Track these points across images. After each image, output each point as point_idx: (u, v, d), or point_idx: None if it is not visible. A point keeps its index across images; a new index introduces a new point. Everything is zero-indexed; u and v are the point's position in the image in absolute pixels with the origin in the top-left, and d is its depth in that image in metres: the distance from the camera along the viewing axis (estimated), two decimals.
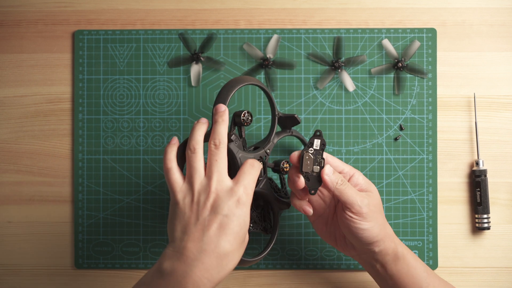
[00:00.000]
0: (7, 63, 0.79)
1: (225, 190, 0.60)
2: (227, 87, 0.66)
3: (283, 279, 0.78)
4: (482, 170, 0.76)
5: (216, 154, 0.61)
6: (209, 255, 0.58)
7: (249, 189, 0.61)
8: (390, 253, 0.66)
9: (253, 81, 0.68)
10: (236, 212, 0.59)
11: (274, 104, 0.70)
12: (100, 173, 0.78)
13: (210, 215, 0.59)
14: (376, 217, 0.65)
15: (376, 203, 0.66)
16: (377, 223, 0.65)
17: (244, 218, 0.60)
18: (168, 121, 0.78)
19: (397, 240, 0.67)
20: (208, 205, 0.59)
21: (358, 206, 0.64)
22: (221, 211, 0.59)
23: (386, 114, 0.78)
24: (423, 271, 0.67)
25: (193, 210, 0.60)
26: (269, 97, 0.70)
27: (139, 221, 0.78)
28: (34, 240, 0.79)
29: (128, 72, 0.79)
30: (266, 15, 0.79)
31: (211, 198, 0.60)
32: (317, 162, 0.65)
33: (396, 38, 0.78)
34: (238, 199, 0.59)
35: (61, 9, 0.79)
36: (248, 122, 0.67)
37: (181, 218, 0.60)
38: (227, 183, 0.61)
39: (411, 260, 0.67)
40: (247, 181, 0.61)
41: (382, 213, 0.67)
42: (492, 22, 0.78)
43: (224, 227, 0.59)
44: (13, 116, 0.79)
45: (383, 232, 0.66)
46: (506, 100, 0.78)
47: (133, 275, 0.79)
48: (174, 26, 0.79)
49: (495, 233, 0.78)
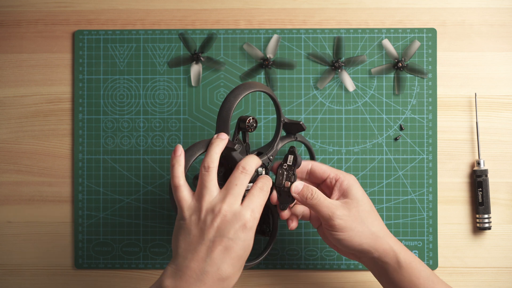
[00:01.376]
0: (7, 63, 0.79)
1: (233, 213, 0.59)
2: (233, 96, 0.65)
3: (283, 279, 0.78)
4: (483, 170, 0.76)
5: (238, 178, 0.61)
6: (211, 277, 0.58)
7: (256, 213, 0.60)
8: (390, 262, 0.65)
9: (261, 87, 0.67)
10: (242, 236, 0.59)
11: (280, 110, 0.69)
12: (100, 173, 0.78)
13: (216, 237, 0.58)
14: (354, 227, 0.64)
15: (355, 211, 0.65)
16: (356, 233, 0.64)
17: (248, 242, 0.59)
18: (168, 121, 0.78)
19: (398, 247, 0.65)
20: (214, 225, 0.59)
21: (330, 219, 0.64)
22: (227, 234, 0.58)
23: (386, 114, 0.78)
24: (428, 279, 0.65)
25: (198, 229, 0.59)
26: (276, 103, 0.69)
27: (139, 221, 0.78)
28: (34, 240, 0.79)
29: (128, 72, 0.79)
30: (266, 15, 0.79)
31: (218, 219, 0.59)
32: (289, 178, 0.66)
33: (396, 38, 0.78)
34: (245, 223, 0.59)
35: (61, 9, 0.79)
36: (252, 129, 0.67)
37: (186, 235, 0.60)
38: (236, 207, 0.60)
39: (415, 269, 0.65)
40: (255, 204, 0.60)
41: (368, 220, 0.65)
42: (492, 22, 0.78)
43: (229, 250, 0.58)
44: (13, 116, 0.79)
45: (369, 241, 0.64)
46: (506, 100, 0.78)
47: (133, 275, 0.79)
48: (174, 26, 0.79)
49: (495, 233, 0.78)
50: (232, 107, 0.64)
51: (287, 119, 0.71)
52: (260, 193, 0.62)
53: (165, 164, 0.78)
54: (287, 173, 0.66)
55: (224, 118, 0.64)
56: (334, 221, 0.64)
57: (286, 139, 0.71)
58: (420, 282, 0.65)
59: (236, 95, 0.65)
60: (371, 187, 0.78)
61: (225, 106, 0.64)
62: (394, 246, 0.65)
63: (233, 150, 0.64)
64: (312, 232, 0.78)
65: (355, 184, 0.67)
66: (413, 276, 0.65)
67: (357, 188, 0.66)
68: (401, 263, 0.65)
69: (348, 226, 0.64)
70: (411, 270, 0.65)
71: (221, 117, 0.64)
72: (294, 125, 0.70)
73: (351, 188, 0.66)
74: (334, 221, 0.64)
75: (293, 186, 0.65)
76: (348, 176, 0.67)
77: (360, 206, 0.65)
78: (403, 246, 0.66)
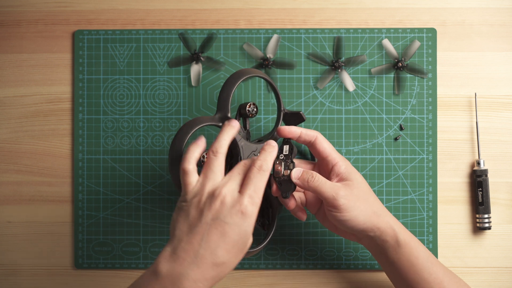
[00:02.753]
0: (7, 63, 0.79)
1: (232, 198, 0.59)
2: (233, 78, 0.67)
3: (283, 279, 0.78)
4: (483, 170, 0.76)
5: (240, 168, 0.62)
6: (206, 261, 0.57)
7: (255, 198, 0.60)
8: (389, 240, 0.66)
9: (262, 74, 0.69)
10: (239, 222, 0.58)
11: (280, 99, 0.71)
12: (100, 173, 0.78)
13: (213, 220, 0.58)
14: (358, 206, 0.65)
15: (357, 191, 0.65)
16: (360, 212, 0.65)
17: (246, 229, 0.59)
18: (168, 121, 0.78)
19: (398, 227, 0.66)
20: (213, 208, 0.58)
21: (334, 199, 0.64)
22: (224, 218, 0.58)
23: (386, 114, 0.78)
24: (426, 260, 0.66)
25: (198, 211, 0.59)
26: (276, 92, 0.71)
27: (139, 221, 0.78)
28: (34, 240, 0.79)
29: (128, 72, 0.79)
30: (266, 15, 0.79)
31: (218, 202, 0.59)
32: (287, 166, 0.66)
33: (396, 38, 0.78)
34: (243, 210, 0.58)
35: (61, 9, 0.79)
36: (253, 114, 0.69)
37: (185, 217, 0.59)
38: (236, 192, 0.60)
39: (413, 248, 0.66)
40: (252, 189, 0.60)
41: (370, 200, 0.66)
42: (492, 22, 0.78)
43: (224, 235, 0.58)
44: (13, 116, 0.79)
45: (372, 219, 0.65)
46: (506, 100, 0.78)
47: (133, 275, 0.79)
48: (174, 26, 0.79)
49: (495, 233, 0.78)
50: (233, 88, 0.66)
51: (287, 110, 0.72)
52: (258, 174, 0.61)
53: (165, 164, 0.78)
54: (285, 162, 0.67)
55: (225, 97, 0.66)
56: (338, 201, 0.64)
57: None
58: (418, 262, 0.66)
59: (236, 77, 0.67)
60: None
61: (225, 87, 0.66)
62: (394, 225, 0.66)
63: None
64: (312, 232, 0.78)
65: (352, 168, 0.68)
66: (411, 255, 0.66)
67: (355, 172, 0.67)
68: (400, 241, 0.66)
69: (352, 206, 0.64)
70: (410, 249, 0.66)
71: (222, 95, 0.66)
72: (294, 115, 0.72)
73: (349, 171, 0.67)
74: (339, 200, 0.64)
75: (293, 172, 0.65)
76: (346, 161, 0.68)
77: (360, 187, 0.66)
78: (402, 225, 0.67)
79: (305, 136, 0.68)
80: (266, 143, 0.64)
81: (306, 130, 0.68)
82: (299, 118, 0.72)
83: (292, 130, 0.68)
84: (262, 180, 0.61)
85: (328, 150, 0.68)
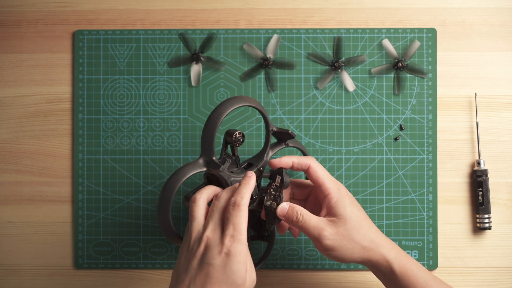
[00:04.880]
0: (7, 63, 0.79)
1: (215, 240, 0.59)
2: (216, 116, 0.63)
3: (283, 279, 0.78)
4: (483, 170, 0.76)
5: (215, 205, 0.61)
6: None
7: (237, 236, 0.59)
8: (384, 270, 0.65)
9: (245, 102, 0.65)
10: (223, 262, 0.58)
11: (268, 120, 0.68)
12: (100, 173, 0.78)
13: (198, 265, 0.58)
14: (344, 245, 0.63)
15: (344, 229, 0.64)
16: (347, 250, 0.64)
17: (233, 267, 0.58)
18: (168, 121, 0.78)
19: (393, 256, 0.65)
20: (197, 255, 0.59)
21: (318, 240, 0.63)
22: (207, 260, 0.58)
23: (386, 114, 0.78)
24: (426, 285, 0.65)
25: (186, 258, 0.59)
26: (263, 114, 0.67)
27: (139, 221, 0.78)
28: (34, 240, 0.79)
29: (128, 72, 0.79)
30: (266, 15, 0.79)
31: (202, 247, 0.59)
32: (275, 198, 0.65)
33: (396, 38, 0.78)
34: (227, 251, 0.58)
35: (61, 9, 0.79)
36: (239, 143, 0.66)
37: (177, 265, 0.60)
38: (218, 233, 0.59)
39: (411, 276, 0.64)
40: (232, 228, 0.59)
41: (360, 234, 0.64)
42: (492, 22, 0.78)
43: (209, 276, 0.57)
44: (13, 116, 0.79)
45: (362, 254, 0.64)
46: (506, 100, 0.78)
47: (133, 275, 0.79)
48: (174, 26, 0.79)
49: (495, 233, 0.78)
50: (216, 127, 0.63)
51: (276, 128, 0.69)
52: (234, 211, 0.60)
53: (165, 164, 0.78)
54: (274, 193, 0.65)
55: (208, 139, 0.63)
56: (322, 242, 0.63)
57: (277, 147, 0.70)
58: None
59: (219, 114, 0.63)
60: (371, 187, 0.78)
61: (208, 126, 0.63)
62: (388, 256, 0.65)
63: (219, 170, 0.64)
64: None
65: (344, 200, 0.65)
66: (409, 283, 0.64)
67: (348, 203, 0.65)
68: (396, 271, 0.64)
69: (337, 245, 0.63)
70: (407, 277, 0.64)
71: (205, 137, 0.63)
72: (284, 134, 0.69)
73: (338, 207, 0.64)
74: (322, 241, 0.63)
75: (278, 208, 0.64)
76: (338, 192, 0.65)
77: (347, 224, 0.64)
78: (399, 252, 0.65)
79: (298, 165, 0.66)
80: (245, 174, 0.63)
81: (299, 159, 0.66)
82: (288, 135, 0.69)
83: (283, 162, 0.66)
84: (240, 215, 0.59)
85: (322, 179, 0.65)
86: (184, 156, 0.78)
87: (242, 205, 0.60)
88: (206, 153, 0.64)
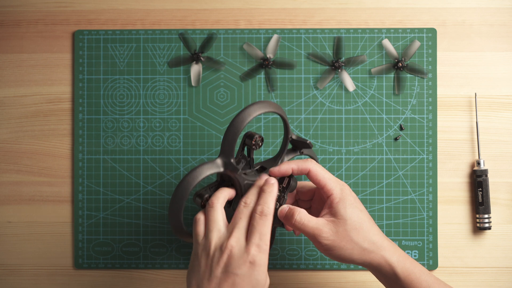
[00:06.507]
0: (7, 63, 0.79)
1: (240, 250, 0.58)
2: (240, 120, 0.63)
3: (283, 279, 0.78)
4: (483, 170, 0.76)
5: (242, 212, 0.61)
6: None
7: (262, 246, 0.59)
8: (386, 274, 0.64)
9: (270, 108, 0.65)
10: (248, 272, 0.58)
11: (288, 127, 0.67)
12: (100, 173, 0.78)
13: (223, 274, 0.58)
14: (343, 245, 0.63)
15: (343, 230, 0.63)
16: (346, 251, 0.63)
17: (257, 277, 0.58)
18: (168, 121, 0.78)
19: (395, 259, 0.64)
20: (221, 263, 0.58)
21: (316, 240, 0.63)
22: (233, 270, 0.58)
23: (386, 114, 0.78)
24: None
25: (207, 266, 0.59)
26: (284, 121, 0.67)
27: (139, 221, 0.78)
28: (34, 240, 0.79)
29: (128, 72, 0.79)
30: (266, 15, 0.79)
31: (225, 256, 0.58)
32: (279, 199, 0.66)
33: (396, 38, 0.78)
34: (251, 260, 0.58)
35: (61, 9, 0.79)
36: (257, 146, 0.66)
37: (196, 271, 0.60)
38: (242, 241, 0.59)
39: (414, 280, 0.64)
40: (258, 237, 0.59)
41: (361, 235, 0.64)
42: (492, 22, 0.78)
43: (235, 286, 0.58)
44: (13, 116, 0.79)
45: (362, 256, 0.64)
46: (506, 100, 0.78)
47: (133, 275, 0.79)
48: (174, 26, 0.79)
49: (495, 233, 0.78)
50: (238, 132, 0.62)
51: (295, 136, 0.69)
52: (261, 220, 0.60)
53: (165, 164, 0.78)
54: (279, 194, 0.66)
55: (230, 142, 0.63)
56: (320, 242, 0.63)
57: (292, 154, 0.70)
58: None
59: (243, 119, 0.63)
60: (371, 187, 0.78)
61: (231, 130, 0.63)
62: (390, 259, 0.64)
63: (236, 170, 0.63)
64: None
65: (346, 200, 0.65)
66: (412, 287, 0.64)
67: (345, 206, 0.64)
68: (398, 275, 0.64)
69: (336, 246, 0.63)
70: (410, 281, 0.64)
71: (227, 140, 0.63)
72: (301, 143, 0.70)
73: (339, 207, 0.64)
74: (321, 242, 0.63)
75: (279, 210, 0.65)
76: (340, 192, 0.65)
77: (347, 224, 0.63)
78: (402, 255, 0.65)
79: (297, 171, 0.66)
80: (265, 182, 0.63)
81: (297, 164, 0.66)
82: (305, 145, 0.70)
83: (282, 171, 0.66)
84: (266, 225, 0.60)
85: (323, 181, 0.65)
86: (184, 156, 0.78)
87: (269, 215, 0.60)
88: (226, 155, 0.63)
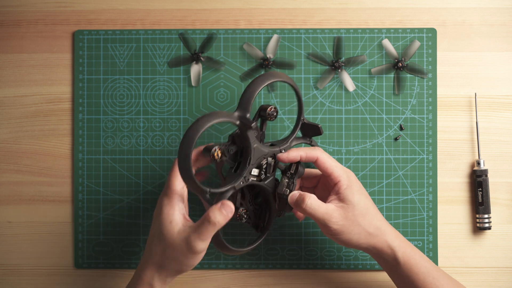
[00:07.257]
0: (7, 63, 0.79)
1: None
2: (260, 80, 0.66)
3: (283, 279, 0.78)
4: (483, 170, 0.76)
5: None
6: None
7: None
8: (387, 258, 0.67)
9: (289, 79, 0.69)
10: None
11: (302, 107, 0.71)
12: (100, 173, 0.78)
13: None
14: (351, 230, 0.66)
15: (352, 214, 0.66)
16: (354, 235, 0.66)
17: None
18: (168, 121, 0.78)
19: (397, 244, 0.67)
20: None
21: (326, 225, 0.65)
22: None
23: (386, 114, 0.78)
24: (428, 275, 0.67)
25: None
26: (299, 99, 0.70)
27: (139, 221, 0.78)
28: (34, 240, 0.79)
29: (128, 72, 0.79)
30: (266, 15, 0.79)
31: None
32: (289, 185, 0.68)
33: (396, 38, 0.78)
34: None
35: (61, 9, 0.79)
36: (272, 117, 0.69)
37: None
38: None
39: (413, 265, 0.67)
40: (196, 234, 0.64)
41: (367, 220, 0.66)
42: (492, 22, 0.78)
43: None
44: (13, 116, 0.79)
45: (367, 240, 0.67)
46: (506, 100, 0.78)
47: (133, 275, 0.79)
48: (174, 26, 0.79)
49: (495, 233, 0.78)
50: (258, 89, 0.65)
51: (307, 120, 0.72)
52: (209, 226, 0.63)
53: (165, 164, 0.78)
54: (288, 181, 0.68)
55: (248, 97, 0.65)
56: (330, 227, 0.65)
57: (301, 140, 0.72)
58: (419, 277, 0.67)
59: (264, 78, 0.66)
60: (371, 187, 0.78)
61: (251, 87, 0.66)
62: (392, 243, 0.67)
63: (250, 128, 0.65)
64: (312, 232, 0.78)
65: (353, 187, 0.67)
66: (411, 272, 0.67)
67: (356, 191, 0.67)
68: (399, 259, 0.67)
69: (345, 230, 0.66)
70: (410, 266, 0.67)
71: (246, 96, 0.65)
72: (312, 127, 0.72)
73: (347, 193, 0.67)
74: (330, 226, 0.65)
75: (289, 196, 0.67)
76: (347, 179, 0.67)
77: (355, 210, 0.66)
78: (404, 241, 0.68)
79: (306, 159, 0.68)
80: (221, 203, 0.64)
81: (306, 152, 0.68)
82: (316, 131, 0.72)
83: (291, 158, 0.68)
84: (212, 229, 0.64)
85: (331, 169, 0.67)
86: None
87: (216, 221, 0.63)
88: (243, 109, 0.65)
